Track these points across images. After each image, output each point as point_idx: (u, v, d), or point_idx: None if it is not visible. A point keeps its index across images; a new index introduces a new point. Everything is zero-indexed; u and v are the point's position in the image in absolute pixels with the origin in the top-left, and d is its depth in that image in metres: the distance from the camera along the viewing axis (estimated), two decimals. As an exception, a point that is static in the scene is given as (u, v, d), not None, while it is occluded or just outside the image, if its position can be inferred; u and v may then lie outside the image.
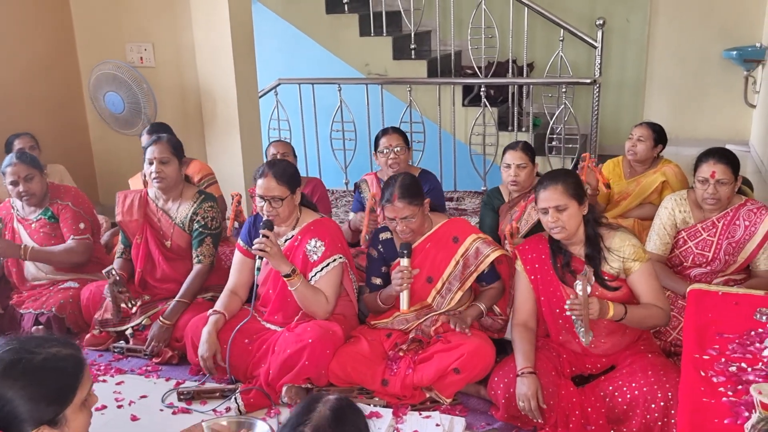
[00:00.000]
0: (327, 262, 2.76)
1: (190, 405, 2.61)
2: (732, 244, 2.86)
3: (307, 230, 2.81)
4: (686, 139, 5.77)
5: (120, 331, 3.09)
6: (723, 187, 2.81)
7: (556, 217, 2.41)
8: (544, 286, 2.55)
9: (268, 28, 5.58)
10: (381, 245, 2.90)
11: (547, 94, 5.36)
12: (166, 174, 3.08)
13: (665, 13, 5.82)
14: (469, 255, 2.75)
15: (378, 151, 3.46)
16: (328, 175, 5.16)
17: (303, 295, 2.71)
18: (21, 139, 3.83)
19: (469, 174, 5.16)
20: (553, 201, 2.41)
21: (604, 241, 2.47)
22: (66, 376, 1.42)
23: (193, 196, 3.18)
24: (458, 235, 2.79)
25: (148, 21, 4.30)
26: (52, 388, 1.40)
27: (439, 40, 5.46)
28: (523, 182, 3.23)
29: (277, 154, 3.63)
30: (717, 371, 1.85)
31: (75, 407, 1.43)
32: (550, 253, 2.54)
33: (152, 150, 3.07)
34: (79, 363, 1.46)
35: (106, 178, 4.79)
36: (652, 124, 3.67)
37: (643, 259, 2.44)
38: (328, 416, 1.33)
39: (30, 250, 3.20)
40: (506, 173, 3.25)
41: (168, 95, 4.35)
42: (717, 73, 5.82)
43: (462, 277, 2.75)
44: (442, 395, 2.56)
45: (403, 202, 2.69)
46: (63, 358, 1.43)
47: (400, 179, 2.75)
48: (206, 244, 3.13)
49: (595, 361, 2.54)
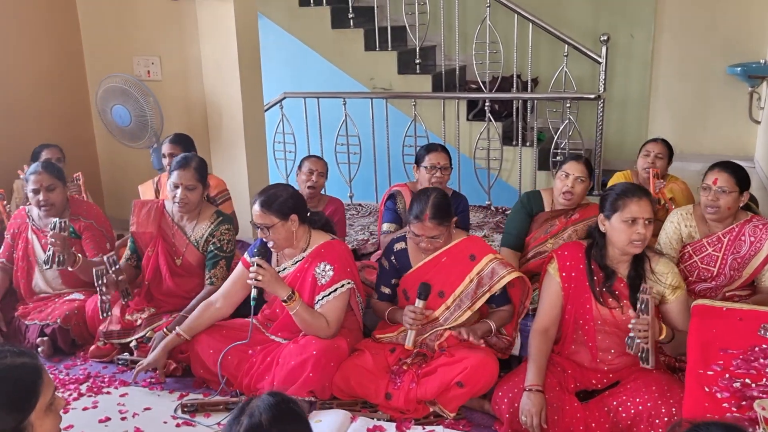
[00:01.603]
0: (335, 287, 2.73)
1: (194, 417, 2.61)
2: (737, 259, 2.86)
3: (317, 253, 2.79)
4: (691, 154, 5.77)
5: (124, 343, 3.09)
6: (723, 195, 2.81)
7: (645, 229, 2.38)
8: (576, 296, 2.52)
9: (274, 43, 5.63)
10: (394, 256, 2.89)
11: (551, 109, 5.38)
12: (190, 200, 3.08)
13: (670, 29, 5.84)
14: (484, 274, 2.72)
15: (422, 166, 3.36)
16: (332, 189, 5.17)
17: (302, 319, 2.69)
18: (49, 150, 3.87)
19: (474, 188, 5.17)
20: (647, 213, 2.39)
21: (651, 264, 2.46)
22: (23, 384, 1.46)
23: (210, 217, 3.17)
24: (476, 253, 2.75)
25: (156, 35, 4.34)
26: (11, 398, 1.43)
27: (444, 55, 5.49)
28: (577, 196, 3.08)
29: (314, 171, 3.62)
30: (721, 387, 1.85)
31: (39, 413, 1.47)
32: (586, 265, 2.52)
33: (179, 175, 3.05)
34: (36, 369, 1.49)
35: (113, 191, 4.82)
36: (665, 140, 3.68)
37: (682, 289, 2.45)
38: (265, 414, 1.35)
39: (81, 262, 3.10)
40: (562, 183, 3.07)
41: (174, 108, 4.38)
42: (721, 89, 5.83)
43: (474, 296, 2.72)
44: (445, 409, 2.55)
45: (434, 223, 2.66)
46: (17, 367, 1.47)
47: (432, 197, 2.69)
48: (220, 266, 3.12)
49: (601, 376, 2.53)
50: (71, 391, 2.83)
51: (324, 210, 3.65)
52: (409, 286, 2.82)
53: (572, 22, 5.74)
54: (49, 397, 1.50)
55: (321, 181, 3.68)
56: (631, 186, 2.48)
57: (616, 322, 2.47)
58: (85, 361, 3.08)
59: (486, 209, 5.11)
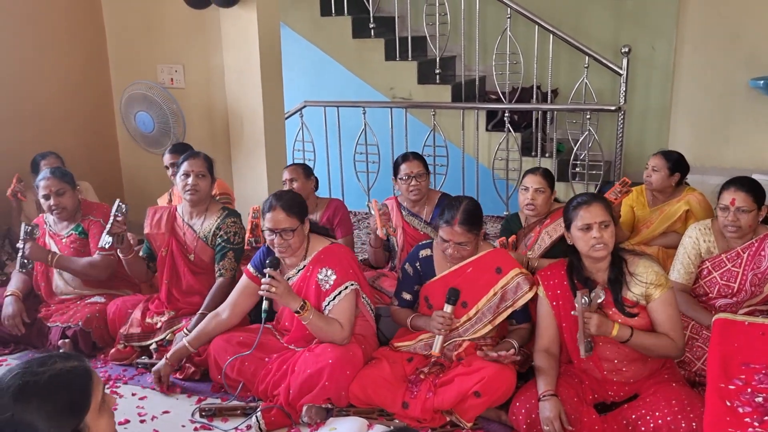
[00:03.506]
0: (339, 290, 2.75)
1: (212, 422, 2.63)
2: (758, 275, 2.83)
3: (318, 260, 2.79)
4: (712, 167, 5.72)
5: (144, 346, 3.13)
6: (743, 215, 2.79)
7: (600, 233, 2.39)
8: (566, 313, 2.53)
9: (295, 52, 5.68)
10: (419, 263, 2.89)
11: (571, 120, 5.37)
12: (201, 187, 3.16)
13: (691, 41, 5.81)
14: (509, 288, 2.71)
15: (398, 178, 3.44)
16: (351, 198, 5.20)
17: (317, 327, 2.70)
18: (47, 160, 3.87)
19: (492, 199, 5.17)
20: (599, 217, 2.41)
21: (628, 266, 2.46)
22: (76, 387, 1.47)
23: (217, 212, 3.25)
24: (502, 267, 2.74)
25: (180, 43, 4.40)
26: (66, 401, 1.44)
27: (463, 66, 5.50)
28: (539, 207, 3.23)
29: (288, 180, 3.61)
30: (743, 401, 1.83)
31: (93, 413, 1.48)
32: (568, 280, 2.53)
33: (191, 163, 3.16)
34: (86, 371, 1.51)
35: (134, 195, 4.87)
36: (668, 152, 3.67)
37: (665, 287, 2.43)
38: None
39: (57, 258, 3.28)
40: (523, 196, 3.26)
41: (196, 115, 4.44)
42: (743, 101, 5.77)
43: (497, 310, 2.71)
44: (462, 419, 2.55)
45: (463, 228, 2.67)
46: (69, 371, 1.48)
47: (464, 204, 2.72)
48: (228, 258, 3.17)
49: (618, 389, 2.52)
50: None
51: (325, 212, 3.68)
52: (431, 293, 2.82)
53: (593, 33, 5.73)
54: (100, 396, 1.52)
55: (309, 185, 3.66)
56: (582, 195, 2.54)
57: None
58: (106, 363, 3.12)
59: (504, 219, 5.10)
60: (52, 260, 3.27)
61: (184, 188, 3.16)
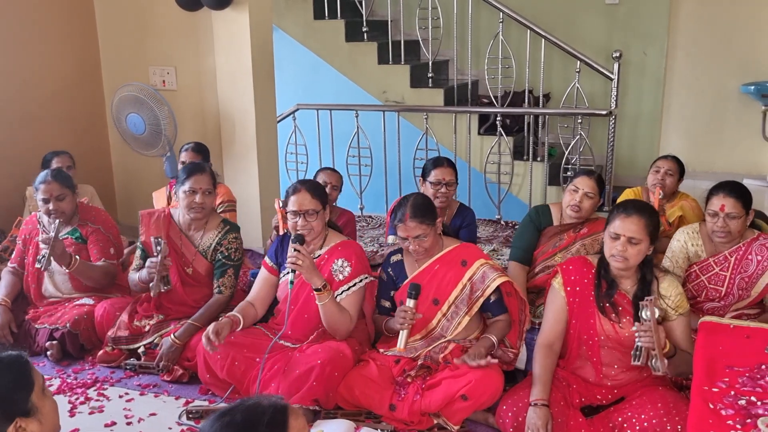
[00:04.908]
0: (354, 282, 2.81)
1: (199, 424, 2.62)
2: (745, 279, 2.84)
3: (335, 250, 2.86)
4: (703, 172, 5.74)
5: (132, 349, 3.11)
6: (733, 220, 2.80)
7: (625, 247, 2.37)
8: (580, 310, 2.52)
9: (288, 55, 5.68)
10: (391, 268, 2.92)
11: (563, 124, 5.38)
12: (207, 205, 3.13)
13: (683, 47, 5.83)
14: (476, 279, 2.76)
15: (428, 181, 3.35)
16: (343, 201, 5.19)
17: (330, 311, 2.72)
18: (59, 158, 3.92)
19: (484, 202, 5.17)
20: (631, 232, 2.37)
21: (659, 286, 2.45)
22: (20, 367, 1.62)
23: (217, 226, 3.21)
24: (467, 259, 2.80)
25: (172, 45, 4.40)
26: (16, 379, 1.60)
27: (456, 70, 5.51)
28: (584, 211, 3.08)
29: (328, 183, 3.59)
30: (726, 404, 1.84)
31: (38, 393, 1.63)
32: (594, 280, 2.52)
33: (197, 180, 3.08)
34: (24, 357, 1.65)
35: (126, 198, 4.87)
36: (676, 157, 3.68)
37: (685, 309, 2.44)
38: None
39: (78, 263, 3.19)
40: (571, 196, 3.08)
41: (188, 118, 4.44)
42: (734, 107, 5.80)
43: (469, 301, 2.75)
44: (449, 422, 2.55)
45: (415, 222, 2.71)
46: (10, 356, 1.63)
47: (412, 199, 2.78)
48: (228, 275, 3.16)
49: (606, 392, 2.52)
50: (78, 395, 2.86)
51: (337, 220, 3.66)
52: (405, 296, 2.82)
53: (585, 38, 5.74)
54: (41, 381, 1.66)
55: (334, 194, 3.69)
56: (631, 203, 2.48)
57: (619, 338, 2.46)
58: (93, 365, 3.11)
59: (496, 223, 5.11)
60: (73, 265, 3.19)
61: (189, 206, 3.10)
